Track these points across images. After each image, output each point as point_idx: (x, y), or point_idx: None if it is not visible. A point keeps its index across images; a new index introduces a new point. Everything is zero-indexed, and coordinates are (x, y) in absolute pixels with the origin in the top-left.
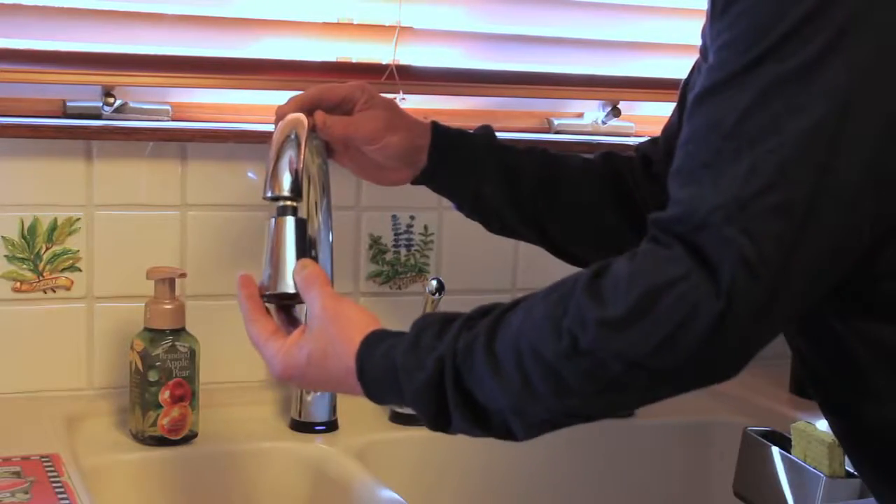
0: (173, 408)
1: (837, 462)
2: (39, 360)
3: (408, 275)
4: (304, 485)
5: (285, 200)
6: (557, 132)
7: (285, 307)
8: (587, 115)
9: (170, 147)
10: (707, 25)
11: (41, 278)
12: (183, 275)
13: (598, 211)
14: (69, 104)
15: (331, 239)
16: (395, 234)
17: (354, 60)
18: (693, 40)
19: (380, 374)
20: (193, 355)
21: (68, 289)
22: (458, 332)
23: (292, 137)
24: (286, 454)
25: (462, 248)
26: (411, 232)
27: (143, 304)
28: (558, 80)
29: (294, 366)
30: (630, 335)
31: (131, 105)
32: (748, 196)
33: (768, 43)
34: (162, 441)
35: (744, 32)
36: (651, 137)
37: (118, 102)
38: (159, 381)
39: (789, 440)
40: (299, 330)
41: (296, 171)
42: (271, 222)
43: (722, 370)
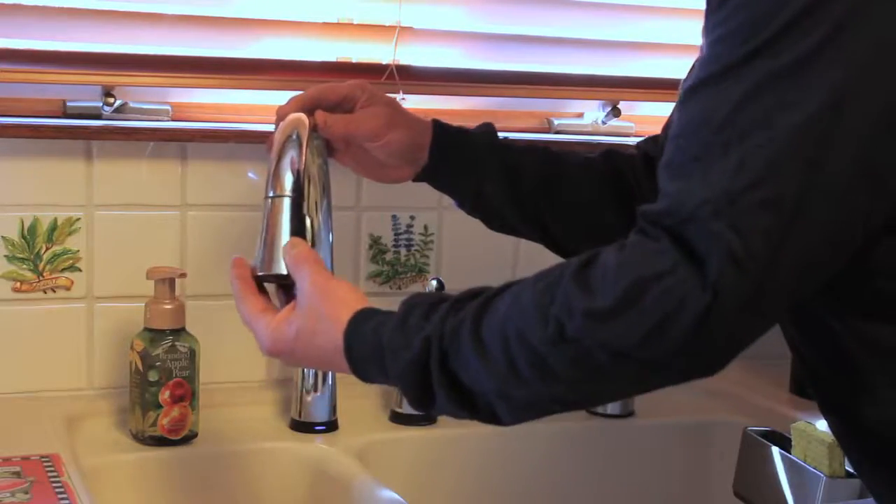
0: (173, 408)
1: (837, 462)
2: (39, 360)
3: (408, 275)
4: (304, 485)
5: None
6: (557, 132)
7: (285, 287)
8: (587, 115)
9: (170, 147)
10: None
11: (41, 278)
12: (183, 275)
13: (599, 209)
14: (69, 104)
15: (331, 239)
16: (395, 234)
17: (354, 60)
18: (693, 40)
19: (367, 352)
20: (193, 355)
21: (68, 289)
22: (446, 314)
23: (294, 137)
24: (286, 454)
25: (462, 248)
26: (411, 232)
27: (143, 304)
28: (558, 80)
29: (282, 340)
30: (616, 326)
31: (131, 105)
32: (737, 190)
33: (763, 37)
34: (162, 441)
35: (739, 26)
36: (652, 135)
37: (118, 102)
38: (159, 381)
39: (789, 440)
40: (289, 307)
41: (297, 171)
42: (267, 202)
43: (708, 363)
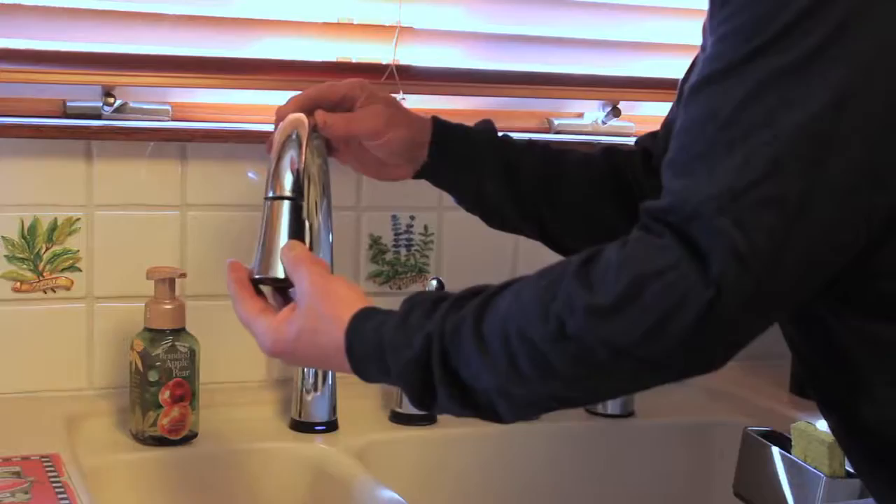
0: (173, 408)
1: (837, 462)
2: (39, 360)
3: (408, 275)
4: (304, 485)
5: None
6: (557, 132)
7: (281, 291)
8: (587, 115)
9: (170, 147)
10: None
11: (41, 278)
12: (183, 275)
13: (598, 206)
14: (69, 104)
15: (331, 239)
16: (395, 234)
17: (354, 60)
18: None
19: (368, 351)
20: (193, 355)
21: (68, 289)
22: (448, 312)
23: (293, 137)
24: (286, 454)
25: (462, 248)
26: (411, 232)
27: (143, 304)
28: (558, 80)
29: (283, 341)
30: (617, 322)
31: (131, 105)
32: (741, 187)
33: (767, 35)
34: (162, 441)
35: (743, 24)
36: (651, 132)
37: (118, 102)
38: (159, 381)
39: (789, 440)
40: (289, 307)
41: (297, 171)
42: (266, 204)
43: (708, 361)
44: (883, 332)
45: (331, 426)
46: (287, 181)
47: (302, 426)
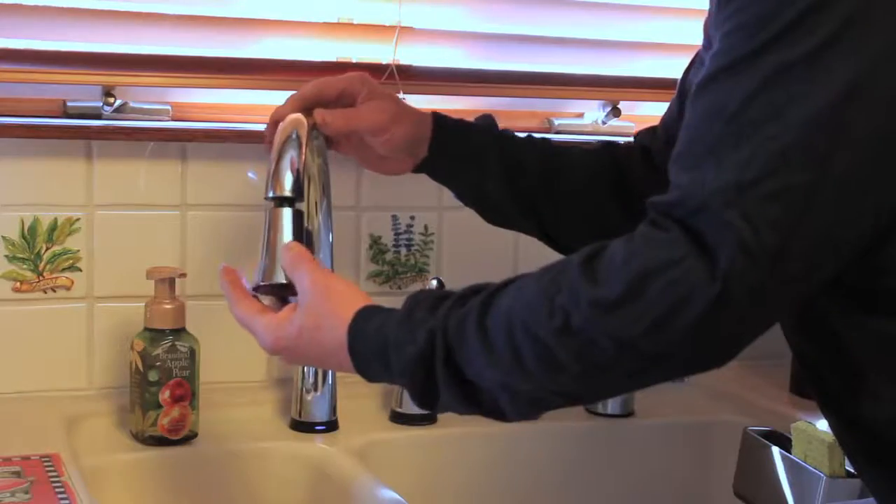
0: (173, 408)
1: (837, 462)
2: (39, 360)
3: (408, 275)
4: (304, 485)
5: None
6: (558, 132)
7: (283, 300)
8: (587, 115)
9: (170, 147)
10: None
11: (41, 278)
12: (183, 275)
13: (597, 201)
14: (69, 104)
15: (331, 239)
16: (395, 234)
17: (354, 60)
18: (693, 40)
19: (371, 348)
20: (193, 355)
21: (68, 289)
22: (451, 307)
23: (293, 137)
24: (286, 454)
25: (462, 248)
26: (411, 232)
27: (143, 304)
28: (559, 80)
29: (285, 338)
30: (622, 316)
31: (131, 105)
32: (748, 181)
33: (775, 30)
34: (162, 441)
35: (751, 19)
36: (649, 126)
37: (118, 102)
38: (159, 381)
39: (789, 440)
40: (290, 306)
41: (297, 171)
42: (268, 212)
43: (714, 356)
44: (886, 329)
45: (331, 426)
46: (287, 181)
47: (302, 426)
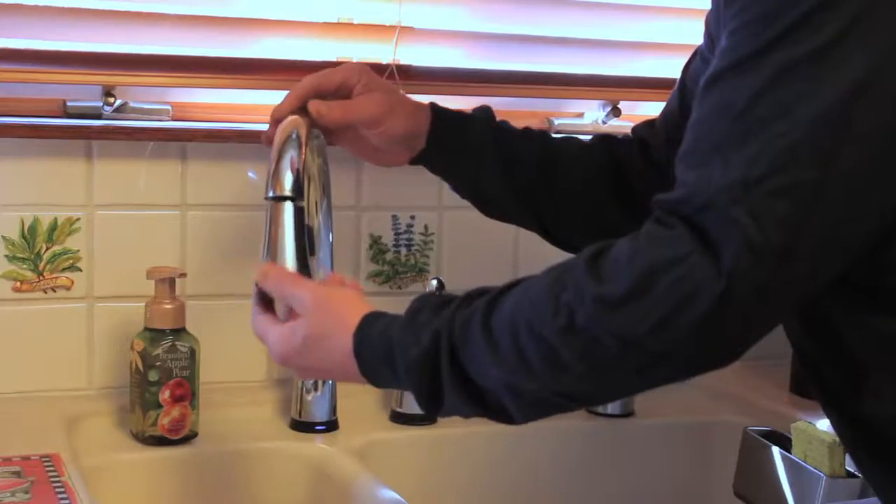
0: (173, 408)
1: (838, 462)
2: (39, 360)
3: (408, 275)
4: (304, 485)
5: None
6: (558, 132)
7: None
8: (587, 115)
9: (170, 147)
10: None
11: (41, 278)
12: (183, 275)
13: (595, 195)
14: (69, 104)
15: (331, 239)
16: (396, 234)
17: (355, 60)
18: (694, 40)
19: (376, 353)
20: (193, 355)
21: (68, 289)
22: (456, 309)
23: (293, 137)
24: (286, 454)
25: (462, 248)
26: (411, 232)
27: (143, 304)
28: (559, 80)
29: (291, 348)
30: (627, 314)
31: (131, 105)
32: (755, 179)
33: (782, 27)
34: (162, 441)
35: (758, 16)
36: (647, 120)
37: (118, 102)
38: (159, 381)
39: (789, 440)
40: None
41: (297, 171)
42: (268, 206)
43: (719, 355)
44: (889, 328)
45: (331, 426)
46: (287, 181)
47: (302, 426)
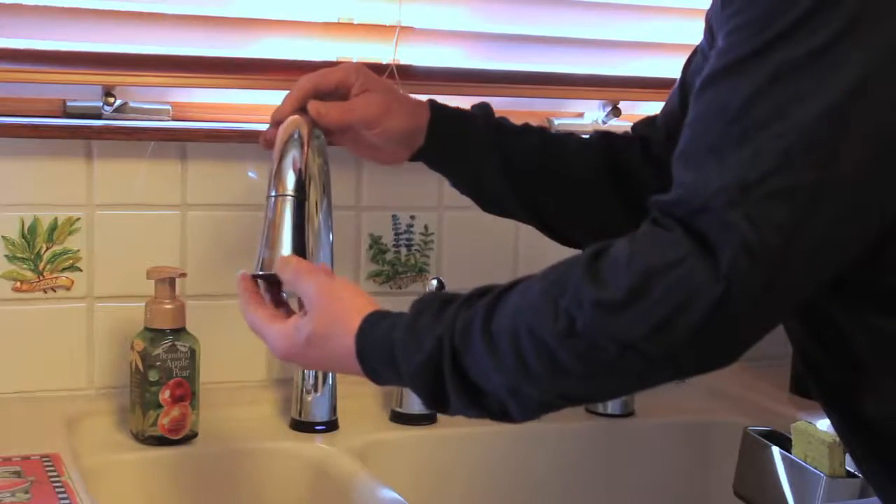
0: (173, 407)
1: (838, 462)
2: (39, 360)
3: (408, 275)
4: (304, 485)
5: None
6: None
7: (275, 286)
8: (587, 115)
9: (170, 147)
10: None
11: (41, 278)
12: (183, 275)
13: (595, 191)
14: (69, 104)
15: (331, 239)
16: (396, 234)
17: (355, 60)
18: (694, 40)
19: (379, 355)
20: (193, 355)
21: (68, 289)
22: (457, 312)
23: (296, 137)
24: (286, 454)
25: (462, 248)
26: (411, 232)
27: (144, 304)
28: (559, 80)
29: (295, 345)
30: (626, 318)
31: (131, 105)
32: (752, 180)
33: (779, 28)
34: (162, 441)
35: (755, 16)
36: (647, 117)
37: (118, 102)
38: (159, 381)
39: (789, 440)
40: (299, 314)
41: (300, 171)
42: (270, 202)
43: (718, 356)
44: (890, 327)
45: (331, 426)
46: (289, 181)
47: (302, 426)
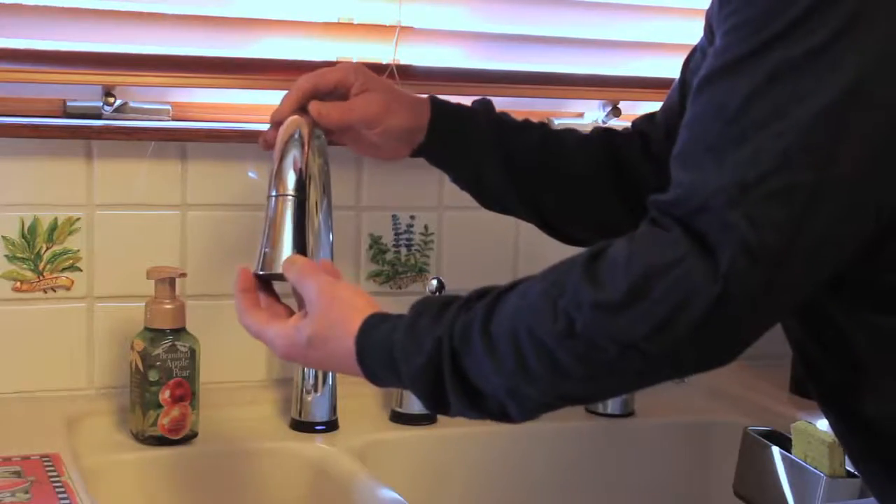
0: (173, 407)
1: (838, 462)
2: (39, 360)
3: (408, 275)
4: (304, 485)
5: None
6: None
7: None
8: (587, 115)
9: (170, 147)
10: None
11: (41, 278)
12: (183, 275)
13: (594, 188)
14: (69, 104)
15: (331, 239)
16: (396, 234)
17: (355, 60)
18: (693, 40)
19: (379, 357)
20: (193, 355)
21: (68, 289)
22: (456, 314)
23: (296, 137)
24: (286, 454)
25: (462, 248)
26: (411, 232)
27: (143, 304)
28: (559, 80)
29: (296, 345)
30: (625, 318)
31: (131, 105)
32: (751, 180)
33: (778, 27)
34: (162, 441)
35: (753, 16)
36: (647, 114)
37: (118, 102)
38: (159, 381)
39: (789, 440)
40: (300, 313)
41: (300, 171)
42: (271, 201)
43: (717, 356)
44: (889, 326)
45: (331, 426)
46: (290, 181)
47: (302, 426)
